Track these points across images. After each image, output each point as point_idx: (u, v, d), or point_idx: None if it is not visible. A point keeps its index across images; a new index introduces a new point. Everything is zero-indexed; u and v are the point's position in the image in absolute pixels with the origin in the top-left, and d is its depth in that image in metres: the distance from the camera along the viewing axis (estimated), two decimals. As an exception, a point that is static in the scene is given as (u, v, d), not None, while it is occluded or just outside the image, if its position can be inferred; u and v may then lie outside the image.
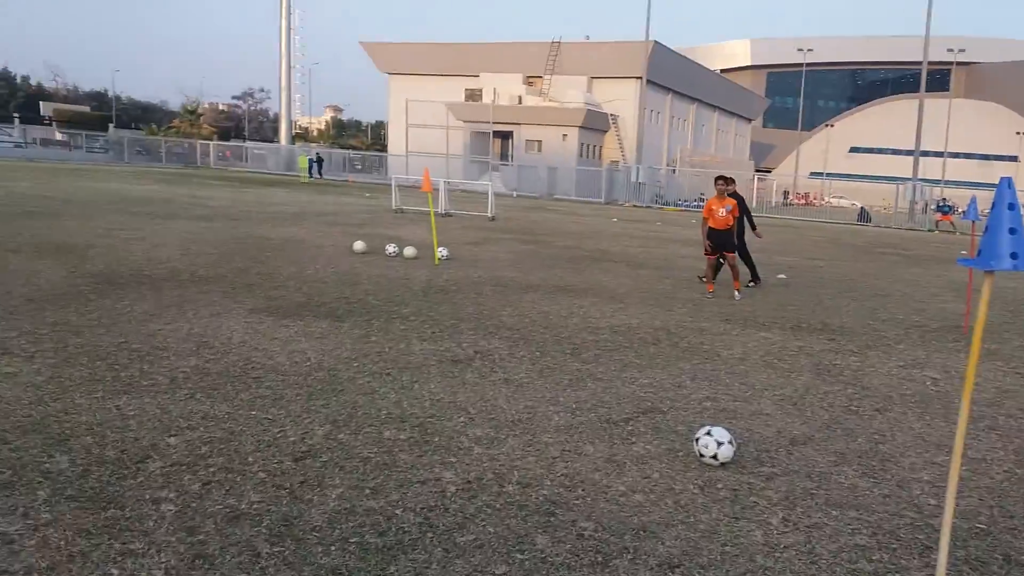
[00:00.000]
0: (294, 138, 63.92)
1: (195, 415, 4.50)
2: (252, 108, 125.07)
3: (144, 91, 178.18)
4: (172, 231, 13.81)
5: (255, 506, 3.41)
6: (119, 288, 8.21)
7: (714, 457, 4.23)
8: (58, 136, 74.73)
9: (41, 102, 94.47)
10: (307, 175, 45.15)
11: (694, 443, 4.34)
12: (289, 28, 56.74)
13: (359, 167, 57.46)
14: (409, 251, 12.46)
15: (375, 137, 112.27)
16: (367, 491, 3.66)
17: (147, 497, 3.41)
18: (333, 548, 3.10)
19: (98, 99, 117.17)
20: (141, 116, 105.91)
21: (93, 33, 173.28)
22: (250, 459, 3.93)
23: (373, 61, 57.66)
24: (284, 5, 56.40)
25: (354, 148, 77.20)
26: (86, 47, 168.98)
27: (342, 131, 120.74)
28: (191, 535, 3.11)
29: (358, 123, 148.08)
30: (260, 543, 3.09)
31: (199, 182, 34.11)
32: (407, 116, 48.13)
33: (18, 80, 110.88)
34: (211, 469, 3.76)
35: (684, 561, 3.20)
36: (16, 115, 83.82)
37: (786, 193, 59.05)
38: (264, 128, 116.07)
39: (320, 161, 50.41)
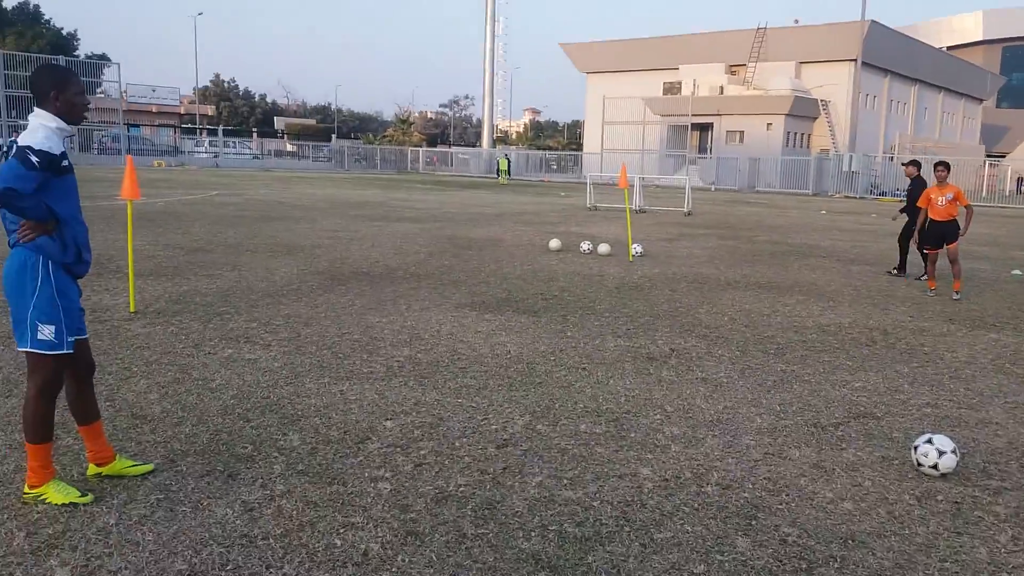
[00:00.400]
0: (495, 141, 66.23)
1: (408, 401, 4.84)
2: (457, 115, 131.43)
3: (361, 103, 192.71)
4: (386, 232, 14.85)
5: (461, 489, 3.61)
6: (341, 284, 8.98)
7: (934, 467, 3.90)
8: (288, 147, 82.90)
9: (275, 117, 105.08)
10: (506, 176, 46.63)
11: (912, 451, 4.02)
12: (493, 35, 58.93)
13: (555, 167, 58.43)
14: (603, 248, 12.52)
15: (571, 137, 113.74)
16: (565, 481, 3.75)
17: (366, 475, 3.72)
18: (533, 534, 3.22)
19: (322, 112, 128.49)
20: (359, 126, 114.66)
21: (320, 54, 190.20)
22: (456, 444, 4.16)
23: (572, 61, 58.45)
24: (489, 14, 58.62)
25: (550, 148, 78.69)
26: (314, 66, 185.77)
27: (539, 133, 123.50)
28: (404, 512, 3.36)
29: (555, 124, 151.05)
30: (466, 524, 3.28)
31: (409, 186, 36.36)
32: (603, 113, 48.27)
33: (256, 99, 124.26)
34: (422, 452, 4.04)
35: (897, 574, 2.99)
36: (255, 130, 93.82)
37: (1020, 180, 52.61)
38: (468, 133, 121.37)
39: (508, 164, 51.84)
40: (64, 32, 77.06)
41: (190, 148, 60.04)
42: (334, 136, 71.51)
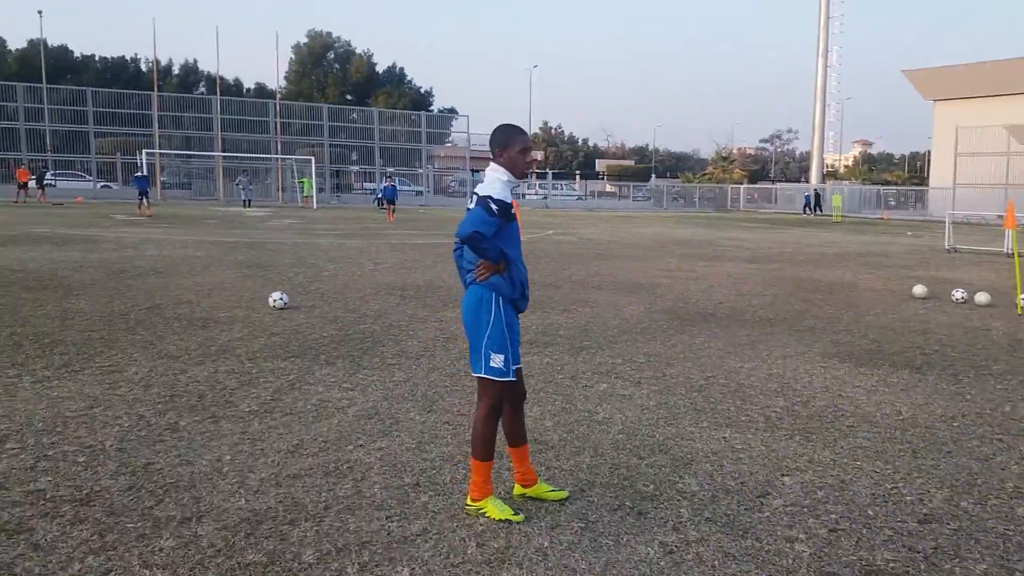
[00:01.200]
0: (824, 176, 62.31)
1: (800, 457, 4.57)
2: (779, 150, 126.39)
3: (679, 143, 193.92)
4: (722, 272, 14.55)
5: (891, 565, 3.27)
6: (690, 324, 8.91)
7: None
8: (608, 188, 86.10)
9: (596, 160, 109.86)
10: (839, 213, 43.48)
11: None
12: (826, 67, 55.85)
13: (892, 203, 53.29)
14: (982, 297, 10.99)
15: (910, 170, 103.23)
16: (1017, 574, 3.23)
17: (779, 534, 3.54)
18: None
19: (640, 153, 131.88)
20: (675, 165, 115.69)
21: (640, 96, 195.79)
22: (870, 512, 3.81)
23: (917, 89, 53.14)
24: (822, 44, 55.78)
25: (887, 183, 72.04)
26: (634, 109, 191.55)
27: (872, 166, 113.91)
28: (830, 580, 3.12)
29: (889, 156, 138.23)
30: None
31: (732, 224, 35.51)
32: (956, 144, 42.99)
33: (579, 142, 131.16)
34: (832, 516, 3.75)
35: None
36: (577, 172, 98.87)
37: None
38: (790, 169, 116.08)
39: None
40: (422, 90, 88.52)
41: (522, 191, 64.92)
42: (653, 176, 72.59)
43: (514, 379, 3.59)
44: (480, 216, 3.39)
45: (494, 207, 3.41)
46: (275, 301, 9.14)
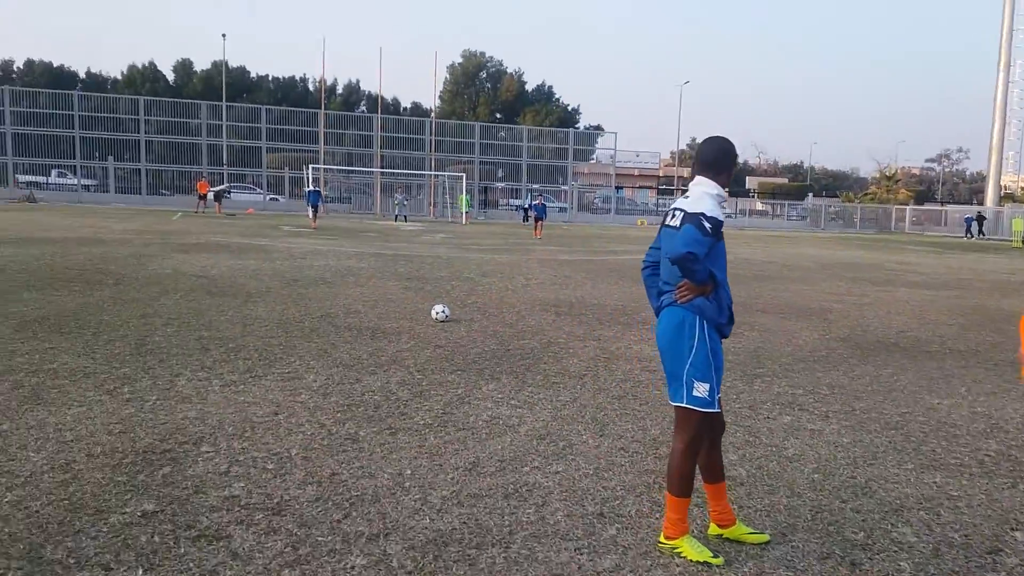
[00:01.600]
0: (1001, 199, 57.15)
1: (1035, 513, 4.01)
2: (947, 170, 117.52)
3: (835, 160, 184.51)
4: (897, 299, 13.49)
5: None
6: (872, 354, 8.23)
7: None
8: (758, 206, 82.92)
9: (747, 177, 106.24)
10: (1020, 240, 39.64)
11: None
12: (1007, 81, 51.32)
13: None
14: None
15: None
16: None
17: (1026, 602, 3.08)
18: None
19: (794, 171, 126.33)
20: (832, 184, 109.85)
21: (794, 111, 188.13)
22: None
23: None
24: (1004, 57, 51.34)
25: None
26: (787, 124, 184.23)
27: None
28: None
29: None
30: None
31: (898, 247, 33.17)
32: None
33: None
34: (1089, 587, 3.23)
35: None
36: (727, 189, 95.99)
37: None
38: (959, 190, 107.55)
39: None
40: (569, 108, 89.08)
41: (665, 207, 63.75)
42: (810, 195, 69.23)
43: (718, 410, 3.34)
44: (694, 235, 3.16)
45: (707, 225, 3.19)
46: (437, 314, 9.30)
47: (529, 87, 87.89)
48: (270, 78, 79.15)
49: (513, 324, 9.26)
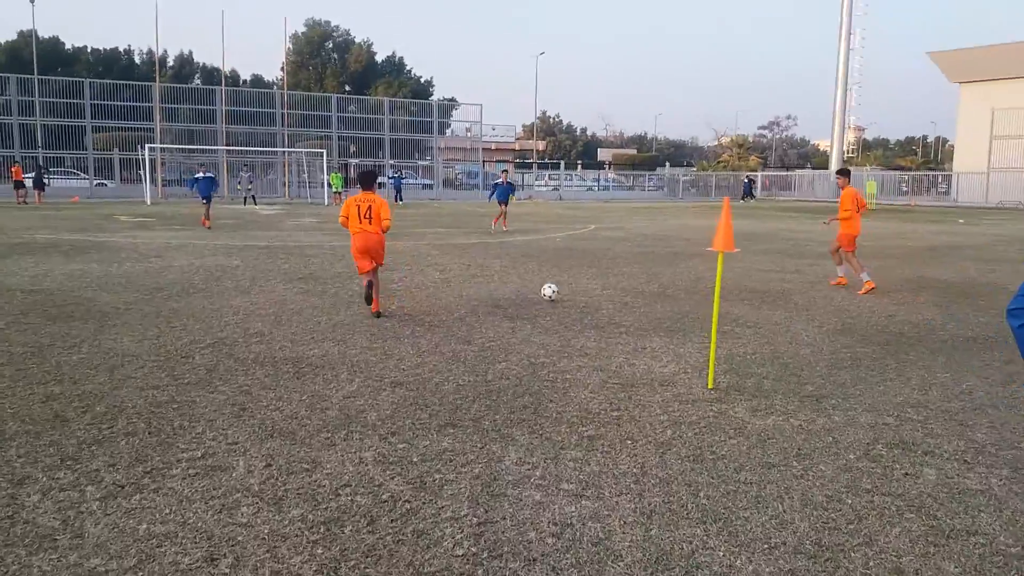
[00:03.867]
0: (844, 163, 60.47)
1: None
2: (777, 136, 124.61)
3: (676, 130, 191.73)
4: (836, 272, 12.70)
5: None
6: (901, 352, 7.04)
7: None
8: (610, 176, 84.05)
9: (598, 149, 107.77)
10: (873, 201, 41.71)
11: None
12: (848, 49, 53.93)
13: (906, 189, 51.73)
14: None
15: (903, 152, 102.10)
16: None
17: None
18: None
19: (638, 142, 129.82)
20: (673, 153, 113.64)
21: (637, 83, 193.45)
22: None
23: (942, 71, 51.31)
24: (844, 26, 53.83)
25: (900, 168, 70.39)
26: (631, 97, 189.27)
27: (866, 151, 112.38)
28: None
29: (885, 141, 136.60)
30: None
31: (770, 215, 33.65)
32: (992, 127, 41.29)
33: (578, 132, 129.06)
34: None
35: None
36: (579, 162, 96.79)
37: None
38: (789, 156, 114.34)
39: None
40: (422, 80, 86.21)
41: (531, 182, 63.01)
42: (667, 164, 70.66)
43: None
44: None
45: None
46: (549, 293, 9.48)
47: (379, 58, 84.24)
48: (89, 50, 70.96)
49: (468, 338, 7.35)
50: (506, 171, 26.21)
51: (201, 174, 22.57)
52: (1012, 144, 41.29)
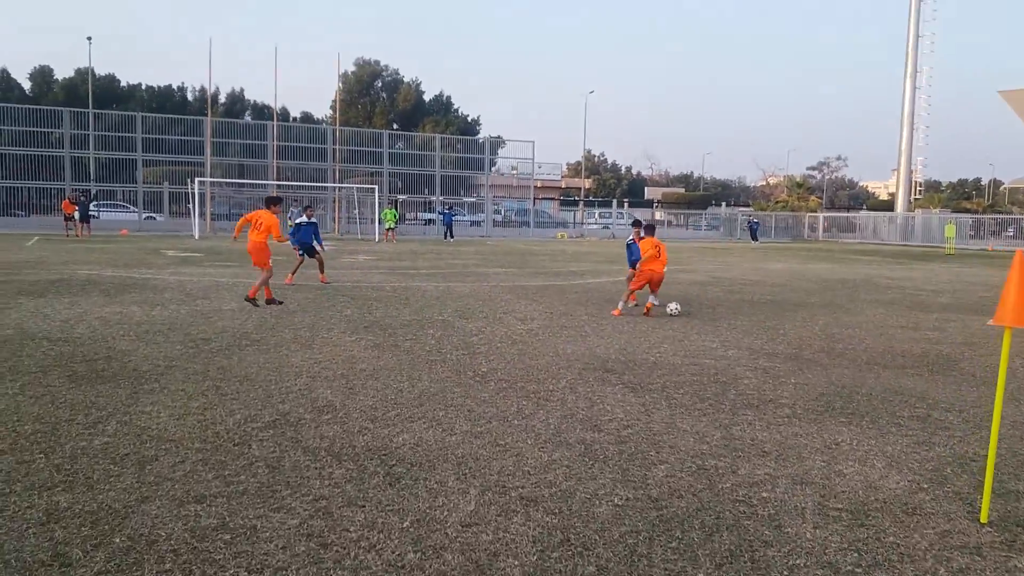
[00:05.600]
0: (911, 204, 57.89)
1: None
2: (827, 177, 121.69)
3: (723, 170, 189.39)
4: (976, 329, 10.77)
5: None
6: None
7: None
8: (657, 216, 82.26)
9: (645, 187, 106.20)
10: (952, 245, 39.24)
11: None
12: (914, 88, 51.82)
13: (1012, 232, 49.04)
14: None
15: (958, 195, 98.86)
16: None
17: None
18: None
19: (684, 180, 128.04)
20: (720, 192, 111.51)
21: (684, 121, 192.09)
22: None
23: (1015, 110, 48.77)
24: (910, 66, 51.82)
25: (966, 211, 67.51)
26: (677, 135, 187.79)
27: (930, 192, 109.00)
28: None
29: (937, 183, 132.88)
30: None
31: (845, 258, 31.53)
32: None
33: (623, 171, 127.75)
34: None
35: None
36: (625, 200, 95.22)
37: None
38: (839, 197, 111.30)
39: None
40: (469, 118, 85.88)
41: (579, 220, 61.58)
42: (724, 204, 68.68)
43: None
44: None
45: None
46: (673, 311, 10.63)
47: (427, 97, 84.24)
48: (143, 87, 71.95)
49: (594, 420, 5.69)
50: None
51: (305, 218, 15.50)
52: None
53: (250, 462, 4.60)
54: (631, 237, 13.11)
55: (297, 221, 15.73)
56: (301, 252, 15.22)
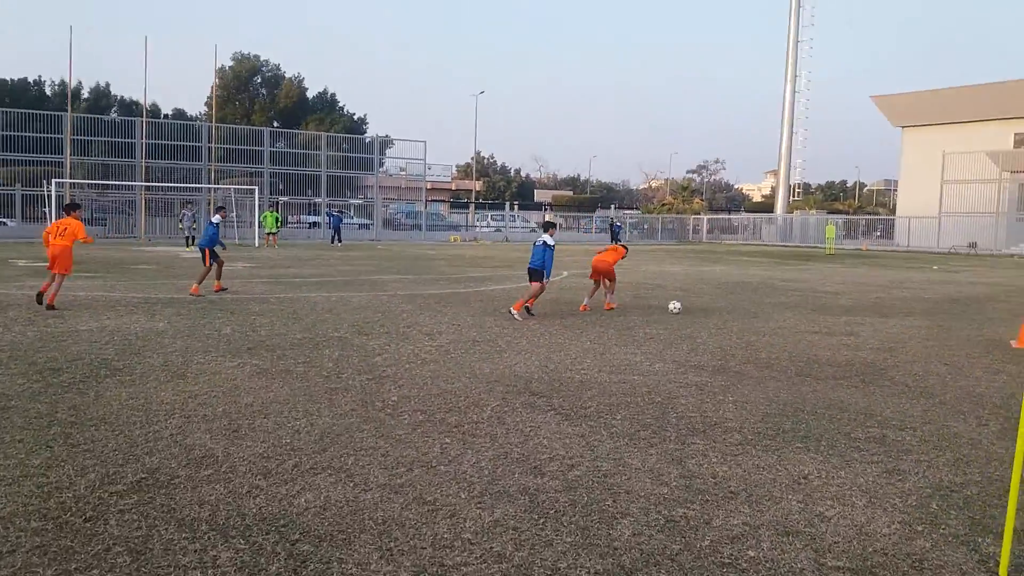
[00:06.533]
0: (790, 206, 60.40)
1: None
2: (706, 180, 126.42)
3: (607, 173, 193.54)
4: (889, 334, 10.73)
5: None
6: None
7: None
8: (547, 218, 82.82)
9: (535, 190, 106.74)
10: (832, 246, 40.98)
11: None
12: (793, 92, 54.07)
13: (879, 234, 51.89)
14: None
15: (827, 197, 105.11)
16: None
17: None
18: None
19: (572, 183, 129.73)
20: (605, 196, 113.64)
21: (572, 125, 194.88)
22: None
23: (885, 115, 51.83)
24: (790, 71, 54.01)
25: (837, 212, 71.43)
26: (564, 139, 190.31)
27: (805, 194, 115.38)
28: None
29: (807, 186, 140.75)
30: None
31: (731, 259, 32.23)
32: (943, 171, 41.36)
33: (512, 173, 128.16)
34: None
35: None
36: (516, 202, 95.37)
37: None
38: (717, 199, 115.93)
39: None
40: (355, 117, 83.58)
41: (471, 223, 60.90)
42: (614, 206, 69.66)
43: None
44: None
45: None
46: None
47: (311, 94, 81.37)
48: (-8, 79, 65.71)
49: (532, 460, 4.90)
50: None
51: (219, 219, 14.88)
52: (961, 188, 41.48)
53: (106, 546, 3.53)
54: (543, 239, 12.23)
55: (213, 221, 15.00)
56: (213, 259, 13.95)
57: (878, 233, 53.27)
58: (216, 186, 41.26)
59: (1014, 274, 26.03)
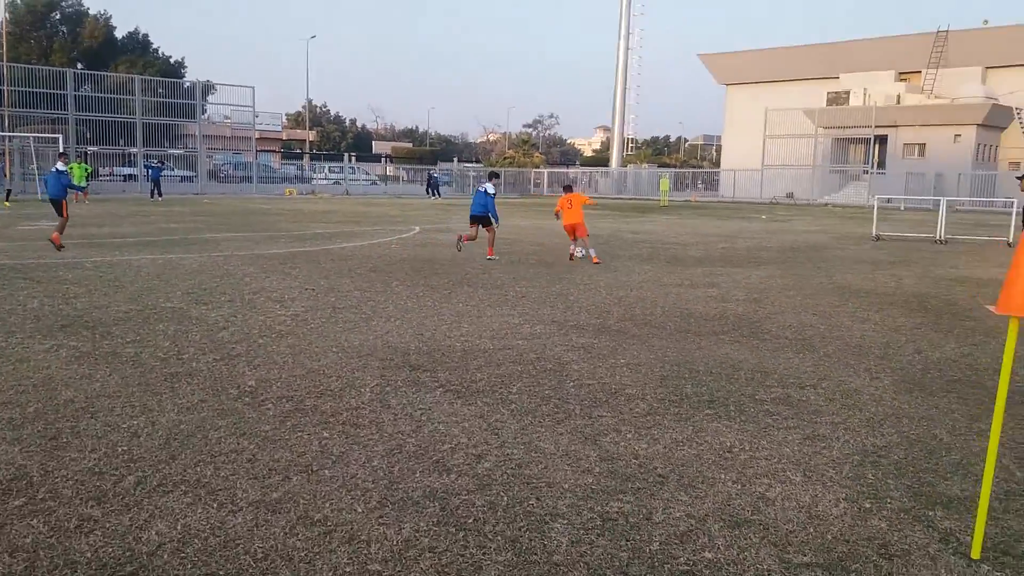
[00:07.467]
0: (624, 160, 62.02)
1: None
2: (541, 135, 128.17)
3: (447, 126, 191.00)
4: (745, 284, 10.91)
5: None
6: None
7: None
8: (389, 171, 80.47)
9: (373, 142, 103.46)
10: (666, 198, 42.49)
11: None
12: (627, 48, 55.07)
13: (702, 186, 54.43)
14: None
15: (653, 152, 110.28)
16: None
17: None
18: None
19: (410, 135, 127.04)
20: (444, 149, 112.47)
21: (409, 76, 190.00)
22: None
23: (712, 73, 54.11)
24: (624, 27, 54.85)
25: (664, 165, 74.59)
26: (402, 89, 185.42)
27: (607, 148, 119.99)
28: None
29: (634, 141, 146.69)
30: None
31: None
32: (766, 127, 43.84)
33: (347, 123, 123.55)
34: None
35: None
36: (353, 154, 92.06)
37: None
38: (552, 153, 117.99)
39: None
40: (172, 60, 76.73)
41: (308, 175, 58.00)
42: (455, 160, 68.65)
43: None
44: None
45: None
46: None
47: (120, 34, 73.72)
48: None
49: (433, 455, 4.23)
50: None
51: (61, 165, 14.95)
52: (781, 143, 44.16)
53: None
54: (485, 187, 13.81)
55: (58, 168, 14.49)
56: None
57: (703, 185, 55.97)
58: (12, 134, 36.36)
59: (836, 222, 28.05)
